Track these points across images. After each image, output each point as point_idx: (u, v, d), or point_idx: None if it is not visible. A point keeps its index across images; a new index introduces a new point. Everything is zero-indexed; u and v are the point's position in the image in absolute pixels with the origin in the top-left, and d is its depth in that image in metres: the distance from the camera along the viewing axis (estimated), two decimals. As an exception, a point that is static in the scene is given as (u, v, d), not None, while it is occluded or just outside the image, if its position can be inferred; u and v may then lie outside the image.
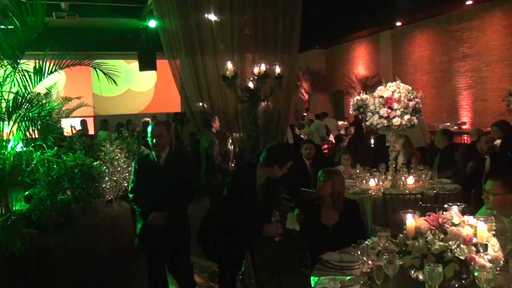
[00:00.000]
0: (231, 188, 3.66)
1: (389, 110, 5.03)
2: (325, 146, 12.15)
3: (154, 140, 3.89)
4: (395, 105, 5.01)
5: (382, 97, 5.12)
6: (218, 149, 6.77)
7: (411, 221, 2.66)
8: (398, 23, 15.18)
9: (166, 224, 3.85)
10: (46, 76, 4.75)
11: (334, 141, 11.94)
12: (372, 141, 9.87)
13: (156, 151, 3.95)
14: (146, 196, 3.91)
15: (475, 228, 2.54)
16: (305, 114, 17.39)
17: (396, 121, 5.00)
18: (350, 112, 5.71)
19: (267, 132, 8.15)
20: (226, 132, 7.60)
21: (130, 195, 4.00)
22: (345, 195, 3.94)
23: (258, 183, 3.71)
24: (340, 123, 14.96)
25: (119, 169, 6.11)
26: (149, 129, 3.95)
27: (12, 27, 4.35)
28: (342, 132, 13.41)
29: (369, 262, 2.80)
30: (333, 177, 3.72)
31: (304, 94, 19.81)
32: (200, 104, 7.91)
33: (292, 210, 5.52)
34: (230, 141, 7.44)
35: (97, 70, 5.04)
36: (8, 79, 4.56)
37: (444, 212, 2.68)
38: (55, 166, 4.87)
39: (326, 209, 3.77)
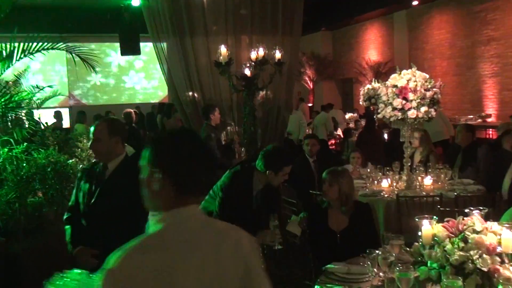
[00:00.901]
0: (225, 191, 3.68)
1: (404, 101, 5.03)
2: (332, 142, 12.17)
3: (90, 144, 3.25)
4: (411, 96, 5.01)
5: (396, 86, 5.12)
6: (216, 143, 6.78)
7: (428, 227, 2.65)
8: (415, 2, 15.15)
9: (94, 264, 2.79)
10: (15, 62, 4.73)
11: (342, 136, 11.95)
12: (385, 136, 9.89)
13: (98, 159, 3.30)
14: (80, 220, 3.25)
15: (499, 236, 2.54)
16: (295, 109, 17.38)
17: (412, 113, 5.00)
18: (360, 103, 5.72)
19: (266, 125, 8.15)
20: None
21: (65, 215, 3.41)
22: (356, 197, 3.96)
23: (255, 190, 3.73)
24: (348, 115, 14.97)
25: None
26: (91, 128, 3.29)
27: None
28: (351, 125, 13.42)
29: (380, 274, 2.81)
30: (338, 179, 3.73)
31: (308, 82, 19.81)
32: (190, 93, 7.90)
33: (295, 214, 5.52)
34: (234, 131, 7.44)
35: (73, 55, 5.01)
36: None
37: (465, 218, 2.68)
38: (24, 165, 4.83)
39: (334, 213, 3.78)
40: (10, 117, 4.43)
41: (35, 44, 4.78)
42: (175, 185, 1.59)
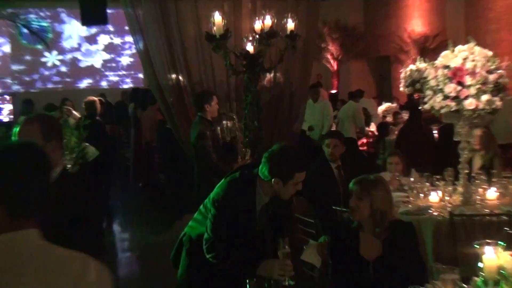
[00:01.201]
0: (219, 206, 3.67)
1: (459, 87, 5.02)
2: (363, 141, 12.15)
3: None
4: (468, 80, 5.00)
5: (448, 67, 5.11)
6: (213, 143, 6.79)
7: (492, 256, 2.64)
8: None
9: None
10: None
11: (376, 133, 11.93)
12: (435, 133, 9.86)
13: None
14: None
15: None
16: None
17: (469, 103, 4.99)
18: (401, 89, 5.70)
19: (274, 119, 8.14)
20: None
21: None
22: (394, 215, 3.94)
23: (260, 205, 3.73)
24: (385, 105, 14.93)
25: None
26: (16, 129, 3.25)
27: None
28: (389, 119, 13.39)
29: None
30: (370, 192, 3.71)
31: (332, 61, 19.82)
32: (173, 76, 7.92)
33: (314, 238, 5.51)
34: (236, 125, 7.44)
35: (18, 24, 5.02)
36: None
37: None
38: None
39: (365, 236, 3.77)
40: None
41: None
42: (4, 208, 1.80)
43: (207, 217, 3.78)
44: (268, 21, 6.91)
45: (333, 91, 18.12)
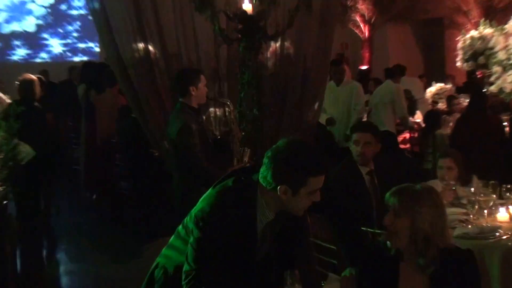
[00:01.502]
0: (206, 227, 3.66)
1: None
2: (405, 136, 12.15)
3: None
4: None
5: (523, 34, 5.12)
6: (201, 141, 6.78)
7: None
8: None
9: None
10: None
11: (423, 126, 11.93)
12: (506, 126, 9.85)
13: None
14: None
15: None
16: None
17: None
18: (458, 64, 5.71)
19: (281, 106, 8.14)
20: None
21: None
22: (446, 240, 3.94)
23: (261, 224, 3.73)
24: (436, 87, 14.94)
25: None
26: None
27: None
28: (441, 105, 13.39)
29: None
30: (412, 208, 3.71)
31: (362, 26, 19.81)
32: (140, 46, 7.91)
33: (335, 271, 5.52)
34: (232, 116, 7.40)
35: None
36: None
37: None
38: None
39: (407, 268, 3.79)
40: None
41: None
42: None
43: (188, 242, 3.78)
44: (273, -31, 6.94)
45: (363, 67, 18.12)
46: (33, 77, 9.61)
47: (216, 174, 6.26)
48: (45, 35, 20.25)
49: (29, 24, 20.08)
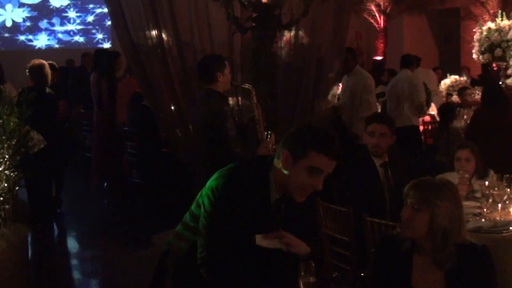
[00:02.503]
0: (220, 203, 3.64)
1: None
2: (420, 128, 12.10)
3: None
4: None
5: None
6: (234, 125, 6.80)
7: None
8: None
9: None
10: None
11: (437, 118, 11.88)
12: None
13: None
14: None
15: None
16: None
17: None
18: (474, 56, 5.67)
19: (295, 95, 8.14)
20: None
21: None
22: (464, 236, 3.91)
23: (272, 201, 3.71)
24: (451, 78, 14.89)
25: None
26: None
27: None
28: (455, 98, 13.33)
29: None
30: (433, 201, 3.69)
31: (378, 16, 19.75)
32: (153, 33, 7.93)
33: (349, 263, 5.52)
34: (255, 100, 7.36)
35: None
36: None
37: None
38: None
39: (422, 262, 3.78)
40: None
41: None
42: None
43: (199, 220, 3.76)
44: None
45: (378, 58, 18.07)
46: (44, 62, 9.59)
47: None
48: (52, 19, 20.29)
49: (43, 11, 20.15)
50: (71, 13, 20.35)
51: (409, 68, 12.37)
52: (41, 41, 20.12)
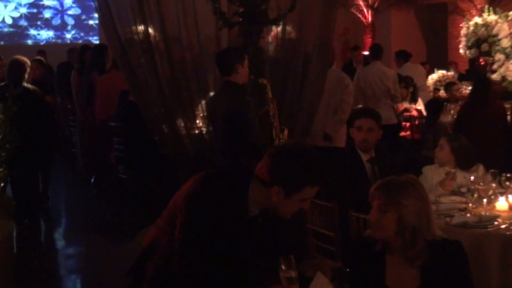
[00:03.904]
0: (197, 212, 3.62)
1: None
2: (406, 124, 12.13)
3: None
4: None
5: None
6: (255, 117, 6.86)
7: None
8: None
9: None
10: None
11: (424, 113, 11.93)
12: (508, 115, 9.85)
13: None
14: None
15: None
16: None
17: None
18: (461, 51, 5.69)
19: (282, 92, 8.14)
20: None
21: None
22: (434, 231, 3.92)
23: (250, 215, 3.70)
24: (438, 73, 14.93)
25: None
26: None
27: None
28: (442, 93, 13.36)
29: None
30: (397, 201, 3.72)
31: (365, 11, 19.76)
32: (141, 28, 7.91)
33: (333, 257, 5.53)
34: (270, 94, 7.34)
35: None
36: None
37: None
38: None
39: (394, 262, 3.80)
40: None
41: None
42: None
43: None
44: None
45: (366, 53, 18.07)
46: (23, 59, 9.54)
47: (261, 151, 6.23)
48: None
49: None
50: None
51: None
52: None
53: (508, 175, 5.68)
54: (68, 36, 20.28)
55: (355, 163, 6.45)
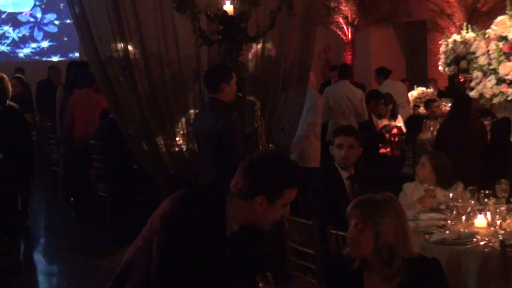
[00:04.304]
0: (174, 233, 3.61)
1: (519, 68, 5.06)
2: (385, 138, 12.16)
3: None
4: (532, 57, 5.04)
5: (504, 38, 5.15)
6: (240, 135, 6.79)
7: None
8: None
9: None
10: None
11: (404, 130, 11.96)
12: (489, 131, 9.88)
13: None
14: None
15: None
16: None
17: (533, 90, 5.03)
18: (440, 68, 5.71)
19: (262, 112, 8.14)
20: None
21: None
22: (411, 249, 3.93)
23: (228, 233, 3.69)
24: (418, 90, 14.99)
25: None
26: None
27: None
28: (422, 110, 13.40)
29: None
30: (374, 219, 3.73)
31: (345, 28, 19.82)
32: (120, 46, 7.90)
33: (313, 275, 5.52)
34: (258, 113, 7.31)
35: None
36: None
37: None
38: None
39: (372, 280, 3.80)
40: None
41: None
42: None
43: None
44: (254, -31, 6.93)
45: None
46: (5, 76, 9.49)
47: None
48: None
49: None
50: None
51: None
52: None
53: (487, 192, 5.69)
54: (46, 53, 20.19)
55: (334, 181, 6.45)
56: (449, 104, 12.71)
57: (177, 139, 8.06)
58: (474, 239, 5.26)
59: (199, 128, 6.98)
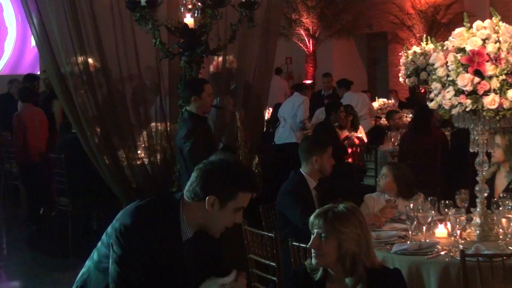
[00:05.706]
0: (130, 247, 3.59)
1: (477, 79, 5.09)
2: (348, 151, 12.21)
3: None
4: (489, 68, 5.07)
5: (463, 50, 5.18)
6: (206, 145, 6.80)
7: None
8: None
9: None
10: None
11: (365, 141, 12.01)
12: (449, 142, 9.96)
13: None
14: None
15: None
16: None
17: (491, 101, 5.05)
18: (401, 79, 5.71)
19: (222, 122, 8.14)
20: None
21: None
22: (373, 259, 3.95)
23: (184, 239, 3.70)
24: (379, 101, 15.07)
25: None
26: None
27: None
28: (383, 121, 13.47)
29: None
30: (337, 228, 3.75)
31: (307, 40, 19.87)
32: (80, 59, 7.86)
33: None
34: (239, 124, 7.35)
35: None
36: None
37: None
38: None
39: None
40: None
41: None
42: None
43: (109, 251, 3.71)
44: (215, -18, 6.93)
45: (307, 82, 18.19)
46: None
47: None
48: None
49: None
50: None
51: (300, 92, 12.77)
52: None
53: (447, 202, 5.72)
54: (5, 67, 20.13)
55: (303, 191, 6.44)
56: (410, 115, 12.86)
57: (139, 152, 8.04)
58: (435, 249, 5.29)
59: (175, 139, 7.13)
